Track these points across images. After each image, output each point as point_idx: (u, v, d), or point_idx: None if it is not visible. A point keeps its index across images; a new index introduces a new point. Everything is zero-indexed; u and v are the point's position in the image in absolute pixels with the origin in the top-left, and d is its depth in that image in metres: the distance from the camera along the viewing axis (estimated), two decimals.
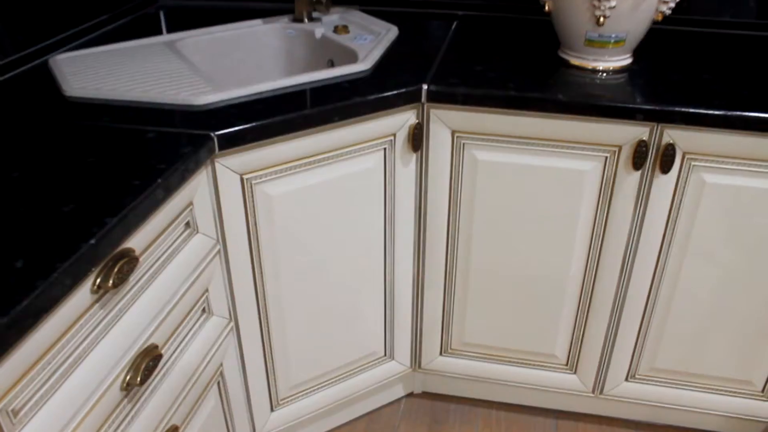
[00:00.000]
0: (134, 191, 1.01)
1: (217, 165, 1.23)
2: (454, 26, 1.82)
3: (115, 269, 0.95)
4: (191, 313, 1.21)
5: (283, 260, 1.40)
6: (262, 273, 1.39)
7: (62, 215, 0.95)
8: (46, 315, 0.83)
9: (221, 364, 1.36)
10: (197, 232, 1.22)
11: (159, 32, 1.77)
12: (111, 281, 0.94)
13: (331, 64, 1.71)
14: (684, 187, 1.38)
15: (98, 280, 0.93)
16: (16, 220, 0.93)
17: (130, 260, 0.98)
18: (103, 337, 0.98)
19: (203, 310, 1.27)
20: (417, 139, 1.46)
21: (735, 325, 1.53)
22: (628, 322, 1.58)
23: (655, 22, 1.50)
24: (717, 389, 1.65)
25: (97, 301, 0.94)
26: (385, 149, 1.44)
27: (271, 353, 1.50)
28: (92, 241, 0.89)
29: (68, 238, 0.89)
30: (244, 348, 1.45)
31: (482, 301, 1.64)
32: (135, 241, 1.01)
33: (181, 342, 1.19)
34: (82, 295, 0.91)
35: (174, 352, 1.17)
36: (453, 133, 1.45)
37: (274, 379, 1.54)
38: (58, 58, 1.55)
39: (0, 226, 0.92)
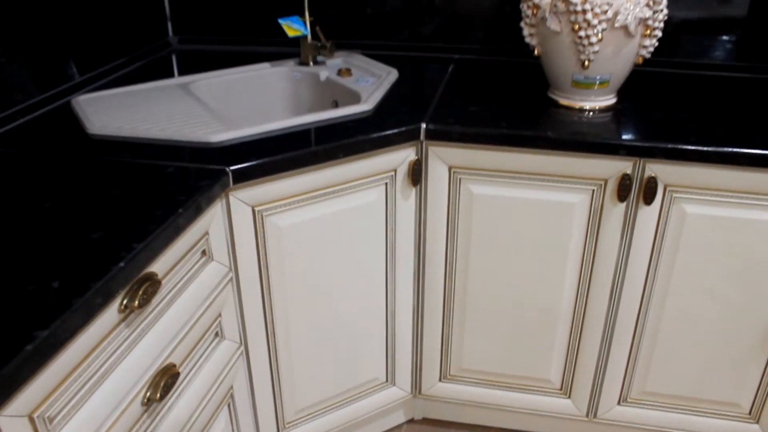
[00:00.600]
0: (157, 220, 1.10)
1: (231, 198, 1.32)
2: (450, 69, 1.93)
3: (140, 291, 1.03)
4: (205, 336, 1.29)
5: (291, 288, 1.49)
6: (270, 300, 1.47)
7: (92, 241, 1.04)
8: (80, 330, 0.92)
9: (231, 387, 1.43)
10: (212, 259, 1.31)
11: (172, 75, 1.89)
12: (137, 302, 1.02)
13: (336, 104, 1.81)
14: (666, 218, 1.47)
15: (125, 301, 1.01)
16: (51, 245, 1.02)
17: (153, 283, 1.06)
18: (127, 354, 1.06)
19: (216, 334, 1.35)
20: (416, 174, 1.55)
21: (721, 350, 1.61)
22: (618, 348, 1.66)
23: (637, 65, 1.60)
24: (706, 412, 1.72)
25: (123, 320, 1.03)
26: (386, 184, 1.54)
27: (279, 377, 1.57)
28: (121, 264, 0.98)
29: (99, 261, 0.98)
30: (253, 372, 1.52)
31: (479, 328, 1.71)
32: (158, 266, 1.09)
33: (196, 363, 1.27)
34: (111, 314, 0.99)
35: (189, 372, 1.25)
36: (450, 168, 1.55)
37: (281, 402, 1.61)
38: (80, 98, 1.66)
39: (36, 250, 1.01)
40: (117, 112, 1.55)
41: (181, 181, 1.24)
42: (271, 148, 1.38)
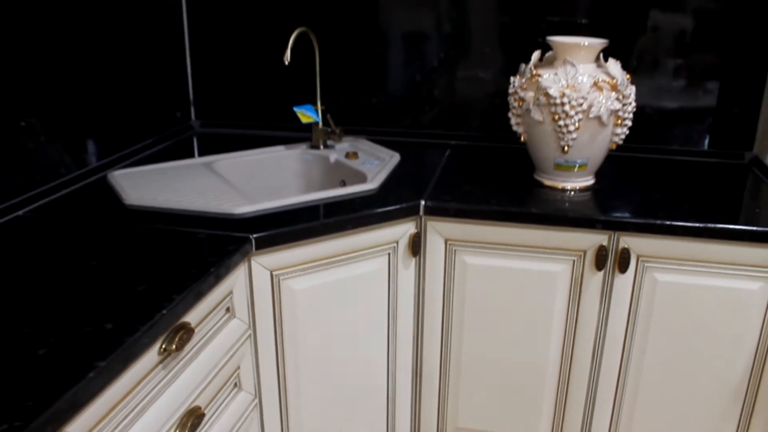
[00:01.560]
0: (192, 277, 1.27)
1: (252, 262, 1.49)
2: (447, 153, 2.14)
3: (176, 337, 1.19)
4: (226, 385, 1.44)
5: (302, 347, 1.64)
6: (283, 357, 1.62)
7: (138, 293, 1.21)
8: (129, 365, 1.07)
9: None
10: (234, 316, 1.47)
11: (195, 155, 2.09)
12: (174, 345, 1.18)
13: (343, 183, 2.01)
14: (640, 285, 1.64)
15: (164, 345, 1.17)
16: (102, 295, 1.19)
17: (187, 331, 1.23)
18: (162, 393, 1.21)
19: (235, 385, 1.50)
20: (416, 245, 1.73)
21: (698, 408, 1.74)
22: (602, 404, 1.79)
23: (612, 150, 1.81)
24: None
25: (161, 362, 1.18)
26: (389, 254, 1.71)
27: (288, 430, 1.70)
28: (164, 312, 1.14)
29: (145, 309, 1.15)
30: (265, 423, 1.65)
31: (474, 387, 1.85)
32: (191, 316, 1.26)
33: (217, 409, 1.41)
34: (152, 355, 1.15)
35: (211, 417, 1.39)
36: (446, 241, 1.73)
37: None
38: (115, 173, 1.85)
39: (89, 299, 1.18)
40: (150, 186, 1.75)
41: (211, 245, 1.42)
42: (287, 219, 1.56)
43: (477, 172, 1.95)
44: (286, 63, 1.88)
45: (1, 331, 1.09)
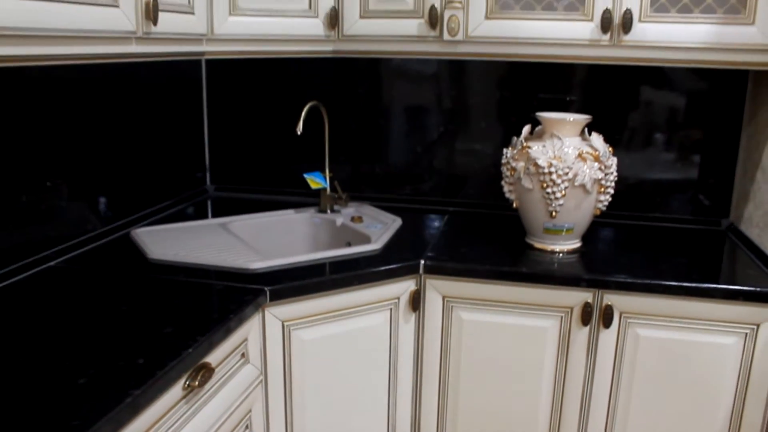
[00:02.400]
0: (214, 321, 1.41)
1: (266, 312, 1.63)
2: (445, 219, 2.30)
3: (199, 375, 1.32)
4: (238, 426, 1.55)
5: (309, 394, 1.75)
6: (292, 404, 1.73)
7: (164, 334, 1.34)
8: (160, 395, 1.20)
9: None
10: (248, 362, 1.59)
11: (210, 216, 2.25)
12: (197, 382, 1.30)
13: (349, 244, 2.15)
14: (623, 339, 1.77)
15: (188, 381, 1.30)
16: (132, 335, 1.33)
17: (208, 370, 1.35)
18: (183, 427, 1.32)
19: (246, 427, 1.61)
20: (416, 301, 1.87)
21: None
22: None
23: (597, 216, 1.97)
24: None
25: (184, 397, 1.30)
26: (391, 309, 1.85)
27: None
28: (189, 350, 1.28)
29: (172, 347, 1.28)
30: None
31: None
32: (212, 357, 1.39)
33: None
34: (177, 389, 1.27)
35: None
36: (444, 297, 1.86)
37: None
38: (138, 231, 2.01)
39: (121, 339, 1.31)
40: (171, 243, 1.90)
41: (229, 296, 1.56)
42: (298, 275, 1.70)
43: (473, 236, 2.11)
44: (299, 133, 2.06)
45: (45, 364, 1.22)
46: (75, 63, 1.43)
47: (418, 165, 2.45)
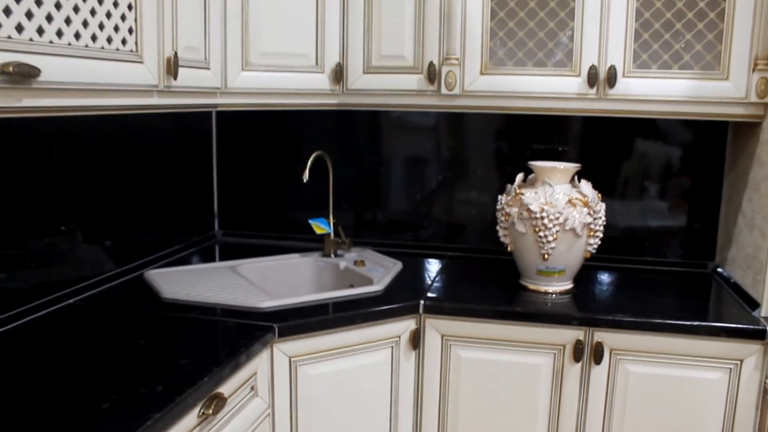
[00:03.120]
0: (226, 355, 1.50)
1: (274, 348, 1.72)
2: (444, 263, 2.40)
3: (213, 404, 1.40)
4: None
5: (314, 428, 1.82)
6: None
7: (181, 365, 1.43)
8: (178, 420, 1.28)
9: None
10: (257, 395, 1.68)
11: (219, 259, 2.36)
12: (211, 410, 1.39)
13: (351, 287, 2.25)
14: (614, 375, 1.86)
15: (203, 409, 1.38)
16: (151, 366, 1.42)
17: (221, 400, 1.44)
18: None
19: None
20: (416, 340, 1.96)
21: None
22: None
23: (591, 260, 2.07)
24: None
25: (198, 424, 1.39)
26: (392, 347, 1.94)
27: None
28: (205, 380, 1.37)
29: (189, 377, 1.37)
30: None
31: None
32: (225, 388, 1.47)
33: None
34: (192, 417, 1.36)
35: None
36: (443, 336, 1.96)
37: None
38: (151, 272, 2.11)
39: (141, 368, 1.40)
40: (183, 283, 2.00)
41: (239, 332, 1.66)
42: (305, 313, 1.80)
43: (470, 278, 2.21)
44: (305, 181, 2.19)
45: (70, 390, 1.31)
46: (92, 114, 1.55)
47: (418, 212, 2.57)
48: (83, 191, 1.91)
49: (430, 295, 1.99)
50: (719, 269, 2.28)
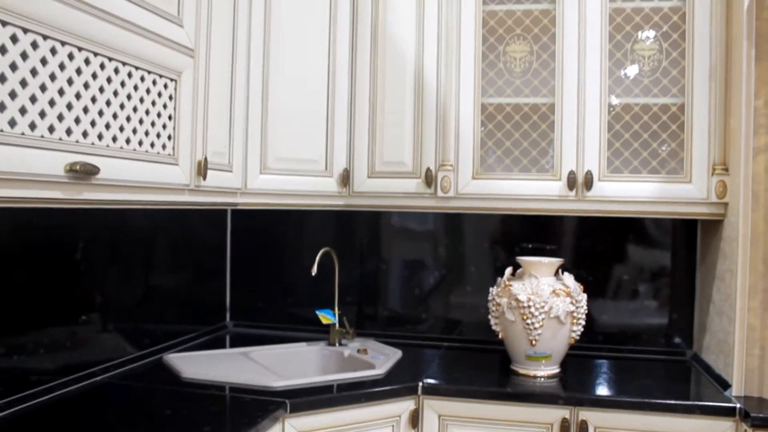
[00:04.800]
0: (244, 424, 1.66)
1: (285, 423, 1.87)
2: (441, 352, 2.57)
3: None
4: None
5: None
6: None
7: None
8: None
9: None
10: None
11: (231, 346, 2.53)
12: None
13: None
14: None
15: None
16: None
17: None
18: None
19: None
20: (415, 419, 2.11)
21: None
22: None
23: (578, 349, 2.25)
24: None
25: None
26: (393, 425, 2.09)
27: None
28: None
29: None
30: None
31: None
32: None
33: None
34: None
35: None
36: (440, 416, 2.11)
37: None
38: (170, 356, 2.28)
39: None
40: (200, 365, 2.16)
41: (255, 406, 1.82)
42: (314, 392, 1.97)
43: (465, 364, 2.39)
44: (313, 274, 2.40)
45: None
46: (131, 208, 1.79)
47: (417, 306, 2.76)
48: (108, 281, 2.12)
49: (427, 378, 2.16)
50: (697, 356, 2.45)
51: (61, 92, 1.41)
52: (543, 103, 2.36)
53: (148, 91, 1.71)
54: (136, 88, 1.66)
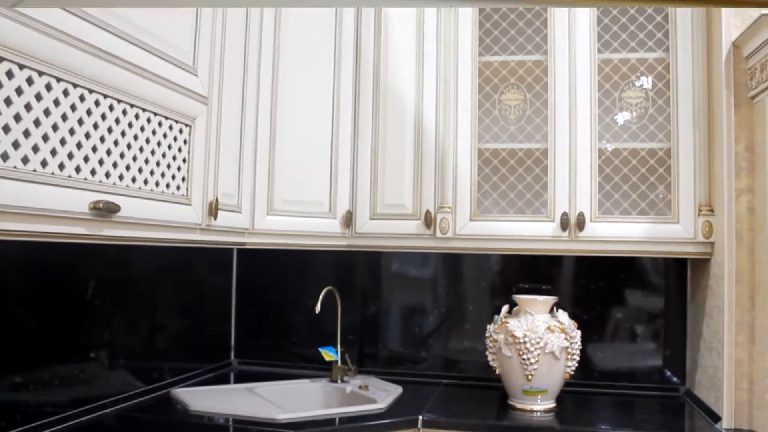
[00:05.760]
0: None
1: None
2: (440, 389, 2.64)
3: None
4: None
5: None
6: None
7: None
8: None
9: None
10: None
11: (231, 382, 2.60)
12: None
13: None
14: None
15: None
16: None
17: None
18: None
19: None
20: None
21: None
22: None
23: (574, 386, 2.32)
24: None
25: None
26: None
27: None
28: None
29: None
30: None
31: None
32: None
33: None
34: None
35: None
36: None
37: None
38: (177, 390, 2.35)
39: None
40: (208, 399, 2.24)
41: None
42: (317, 424, 2.04)
43: (464, 399, 2.45)
44: (317, 312, 2.48)
45: None
46: (145, 245, 1.89)
47: (417, 344, 2.84)
48: (117, 319, 2.21)
49: (427, 412, 2.23)
50: (690, 391, 2.51)
51: (87, 136, 1.53)
52: (536, 148, 2.48)
53: (165, 135, 1.83)
54: (154, 132, 1.78)
